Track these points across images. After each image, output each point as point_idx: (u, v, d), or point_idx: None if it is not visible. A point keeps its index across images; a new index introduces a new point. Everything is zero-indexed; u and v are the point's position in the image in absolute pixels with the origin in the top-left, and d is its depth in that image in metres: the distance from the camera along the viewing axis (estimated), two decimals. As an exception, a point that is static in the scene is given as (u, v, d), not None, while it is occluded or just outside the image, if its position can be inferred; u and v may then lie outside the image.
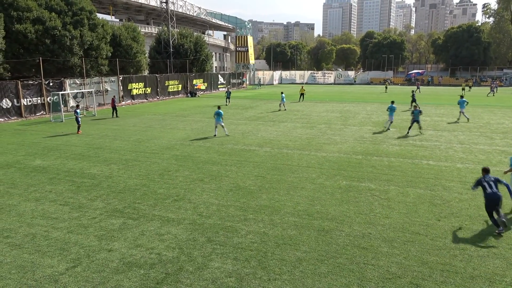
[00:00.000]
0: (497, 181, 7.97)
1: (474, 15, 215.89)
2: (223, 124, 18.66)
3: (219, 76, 57.19)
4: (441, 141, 17.24)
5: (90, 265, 6.56)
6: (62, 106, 25.10)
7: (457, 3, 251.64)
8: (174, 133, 19.62)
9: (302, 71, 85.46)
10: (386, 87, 55.52)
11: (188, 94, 45.46)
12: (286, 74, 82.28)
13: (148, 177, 11.67)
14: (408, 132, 19.09)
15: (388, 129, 20.38)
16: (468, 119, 23.64)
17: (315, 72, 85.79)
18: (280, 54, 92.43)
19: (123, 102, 34.78)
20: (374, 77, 78.29)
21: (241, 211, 8.91)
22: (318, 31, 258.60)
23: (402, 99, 37.64)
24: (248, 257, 6.79)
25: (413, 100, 29.71)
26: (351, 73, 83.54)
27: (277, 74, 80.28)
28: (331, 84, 77.99)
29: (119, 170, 12.56)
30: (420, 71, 79.62)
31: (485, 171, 8.29)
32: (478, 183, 8.10)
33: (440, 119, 24.38)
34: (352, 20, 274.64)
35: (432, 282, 6.03)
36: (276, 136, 18.52)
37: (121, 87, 35.04)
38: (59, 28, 29.55)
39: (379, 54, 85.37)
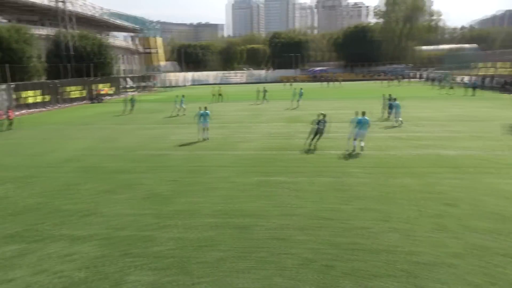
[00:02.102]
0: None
1: (366, 16, 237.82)
2: (208, 126, 17.64)
3: (128, 79, 54.50)
4: (344, 132, 18.69)
5: (-16, 299, 5.79)
6: None
7: (352, 5, 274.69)
8: (78, 143, 18.19)
9: (215, 72, 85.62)
10: (291, 84, 59.16)
11: (94, 100, 42.50)
12: (198, 75, 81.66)
13: (50, 194, 10.64)
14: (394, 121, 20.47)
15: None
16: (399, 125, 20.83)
17: (227, 72, 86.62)
18: (190, 55, 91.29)
19: (17, 112, 31.18)
20: (283, 75, 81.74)
21: (158, 219, 8.64)
22: (227, 31, 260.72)
23: (312, 94, 39.94)
24: (169, 264, 6.63)
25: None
26: (262, 72, 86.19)
27: (188, 75, 79.25)
28: (243, 83, 79.47)
29: (16, 189, 11.25)
30: (323, 68, 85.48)
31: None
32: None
33: (344, 112, 26.42)
34: (259, 21, 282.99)
35: (343, 261, 6.54)
36: (189, 139, 18.29)
37: (13, 96, 31.35)
38: None
39: (286, 53, 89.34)
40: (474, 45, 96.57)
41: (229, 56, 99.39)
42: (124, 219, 8.66)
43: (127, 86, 52.74)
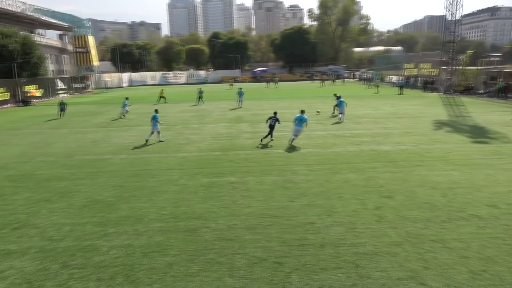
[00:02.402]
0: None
1: (302, 18, 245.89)
2: (159, 129, 17.26)
3: (58, 80, 50.90)
4: (287, 131, 19.21)
5: None
6: None
7: (288, 8, 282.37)
8: (6, 150, 16.65)
9: (153, 72, 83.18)
10: (231, 85, 59.67)
11: (20, 103, 39.12)
12: (136, 75, 78.74)
13: (-26, 207, 9.61)
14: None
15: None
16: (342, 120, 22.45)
17: (166, 72, 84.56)
18: (127, 55, 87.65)
19: None
20: (224, 76, 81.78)
21: (100, 227, 8.20)
22: (165, 31, 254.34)
23: (253, 95, 40.39)
24: (114, 274, 6.32)
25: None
26: (203, 73, 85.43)
27: (126, 76, 76.08)
28: (183, 84, 78.12)
29: None
30: (263, 68, 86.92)
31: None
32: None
33: (286, 111, 27.08)
34: (198, 21, 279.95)
35: (292, 257, 6.72)
36: (131, 142, 17.60)
37: None
38: None
39: (226, 54, 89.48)
40: (400, 48, 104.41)
41: (168, 56, 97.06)
42: (62, 229, 8.09)
43: (58, 88, 49.23)
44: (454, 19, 40.31)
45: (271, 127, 16.59)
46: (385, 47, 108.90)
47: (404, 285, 5.81)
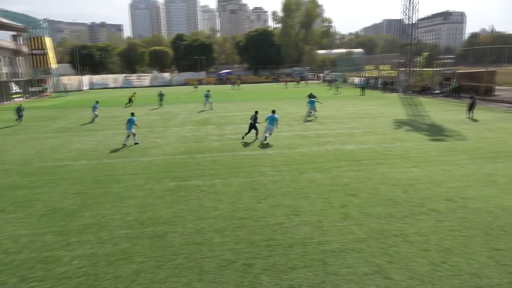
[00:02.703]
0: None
1: (266, 21, 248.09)
2: (134, 132, 17.13)
3: (12, 84, 48.26)
4: (254, 132, 19.28)
5: None
6: None
7: (252, 10, 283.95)
8: (-46, 158, 15.57)
9: (115, 75, 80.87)
10: (195, 87, 59.40)
11: (-30, 108, 36.75)
12: (97, 78, 76.20)
13: None
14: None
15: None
16: (315, 117, 24.21)
17: (129, 75, 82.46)
18: (87, 57, 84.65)
19: None
20: (189, 78, 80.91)
21: (62, 236, 7.86)
22: (126, 32, 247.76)
23: (219, 97, 40.21)
24: (77, 284, 6.08)
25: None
26: (167, 75, 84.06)
27: (86, 78, 73.45)
28: (147, 86, 76.51)
29: None
30: (229, 70, 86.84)
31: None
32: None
33: (251, 113, 27.14)
34: (161, 22, 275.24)
35: (261, 258, 6.75)
36: (93, 147, 17.01)
37: None
38: None
39: (191, 56, 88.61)
40: (361, 50, 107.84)
41: (131, 58, 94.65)
42: (20, 241, 7.68)
43: (12, 91, 46.69)
44: (410, 22, 42.16)
45: (252, 126, 17.37)
46: (347, 50, 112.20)
47: (370, 280, 5.99)
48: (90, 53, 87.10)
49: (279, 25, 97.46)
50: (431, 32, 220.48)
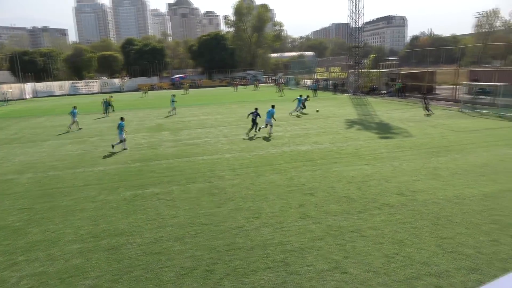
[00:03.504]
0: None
1: (218, 24, 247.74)
2: (125, 137, 17.10)
3: None
4: (210, 137, 19.18)
5: None
6: None
7: (203, 14, 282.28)
8: None
9: (61, 82, 76.70)
10: (145, 92, 58.66)
11: None
12: (41, 86, 71.84)
13: None
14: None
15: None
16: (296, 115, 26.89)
17: (76, 81, 78.64)
18: (29, 64, 79.51)
19: None
20: (141, 83, 78.72)
21: (7, 256, 7.31)
22: (72, 37, 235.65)
23: (165, 102, 39.44)
24: (26, 306, 5.68)
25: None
26: (117, 81, 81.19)
27: (29, 86, 69.03)
28: (96, 93, 73.39)
29: None
30: (182, 75, 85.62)
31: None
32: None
33: (206, 117, 26.99)
34: (109, 27, 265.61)
35: (222, 263, 6.71)
36: (39, 158, 16.02)
37: None
38: None
39: (142, 61, 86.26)
40: (312, 53, 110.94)
41: (77, 64, 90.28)
42: (-42, 265, 7.04)
43: None
44: (356, 26, 44.03)
45: (253, 121, 18.84)
46: (299, 53, 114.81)
47: (329, 276, 6.16)
48: (32, 59, 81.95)
49: (232, 29, 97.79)
50: (376, 35, 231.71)
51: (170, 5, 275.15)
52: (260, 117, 18.98)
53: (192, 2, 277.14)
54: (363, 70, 45.61)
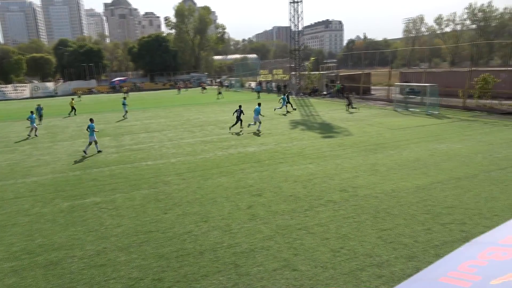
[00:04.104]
0: None
1: (159, 26, 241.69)
2: (96, 139, 16.64)
3: None
4: (154, 141, 18.64)
5: None
6: None
7: (143, 15, 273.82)
8: None
9: (-16, 86, 70.05)
10: (79, 96, 55.98)
11: None
12: (-40, 91, 65.02)
13: None
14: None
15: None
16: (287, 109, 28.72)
17: (3, 86, 72.27)
18: None
19: None
20: (77, 87, 74.40)
21: None
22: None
23: (113, 106, 37.74)
24: (-51, 337, 5.10)
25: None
26: (50, 85, 75.91)
27: None
28: (27, 98, 68.01)
29: None
30: (122, 78, 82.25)
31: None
32: None
33: (150, 121, 26.19)
34: (39, 27, 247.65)
35: (171, 270, 6.54)
36: (-39, 171, 14.47)
37: None
38: None
39: (78, 63, 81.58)
40: (255, 55, 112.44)
41: (4, 67, 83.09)
42: None
43: None
44: (297, 30, 45.36)
45: (238, 118, 20.62)
46: (242, 55, 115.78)
47: (279, 274, 6.26)
48: None
49: (173, 31, 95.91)
50: (315, 39, 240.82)
51: (106, 5, 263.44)
52: (244, 114, 20.85)
53: (131, 3, 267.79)
54: (304, 72, 47.08)
